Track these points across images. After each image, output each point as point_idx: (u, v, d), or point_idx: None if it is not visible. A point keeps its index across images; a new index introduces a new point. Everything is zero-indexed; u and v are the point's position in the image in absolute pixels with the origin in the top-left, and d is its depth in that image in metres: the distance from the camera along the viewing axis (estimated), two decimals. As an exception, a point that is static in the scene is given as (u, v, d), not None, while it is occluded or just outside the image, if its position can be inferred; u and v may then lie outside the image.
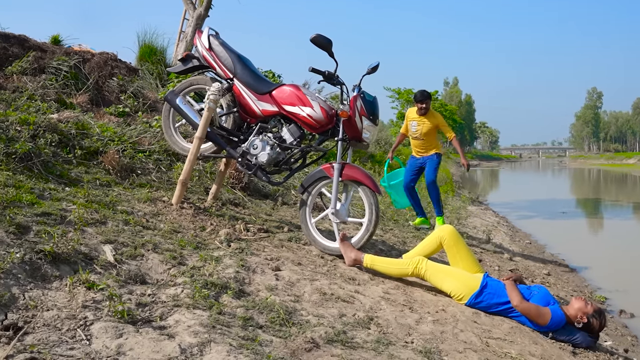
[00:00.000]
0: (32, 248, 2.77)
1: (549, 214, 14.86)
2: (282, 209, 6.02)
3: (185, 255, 3.45)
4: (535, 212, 15.09)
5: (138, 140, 5.66)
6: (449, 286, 4.02)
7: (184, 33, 13.50)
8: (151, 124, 6.68)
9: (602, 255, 9.09)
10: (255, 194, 6.23)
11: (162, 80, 9.78)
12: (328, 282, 3.65)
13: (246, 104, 4.54)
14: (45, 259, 2.75)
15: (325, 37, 4.18)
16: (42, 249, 2.77)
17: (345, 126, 4.32)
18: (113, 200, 4.07)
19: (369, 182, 4.25)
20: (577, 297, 4.01)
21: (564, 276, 6.94)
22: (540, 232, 11.03)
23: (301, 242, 4.53)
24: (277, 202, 6.18)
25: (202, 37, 4.69)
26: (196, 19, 12.86)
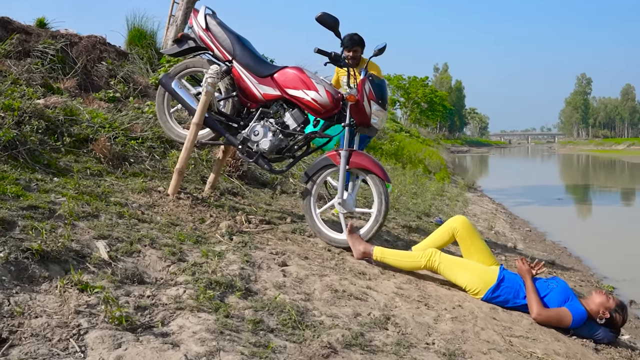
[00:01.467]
0: (17, 246, 2.51)
1: (544, 201, 14.73)
2: (282, 197, 5.77)
3: (185, 250, 3.19)
4: (531, 199, 14.97)
5: (130, 127, 5.36)
6: (464, 280, 3.80)
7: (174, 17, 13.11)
8: (143, 109, 6.38)
9: (602, 242, 8.98)
10: (253, 182, 5.97)
11: (152, 64, 9.44)
12: (338, 278, 3.41)
13: (246, 87, 4.26)
14: (33, 258, 2.48)
15: (332, 16, 3.92)
16: (29, 247, 2.51)
17: (352, 111, 4.06)
18: (105, 191, 3.79)
19: (378, 170, 4.00)
20: (597, 291, 3.81)
21: (569, 265, 6.76)
22: (538, 218, 10.89)
23: (306, 234, 4.28)
24: (276, 190, 5.92)
25: (198, 17, 4.39)
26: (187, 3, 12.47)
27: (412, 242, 5.26)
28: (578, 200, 15.93)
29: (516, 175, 27.51)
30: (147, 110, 6.30)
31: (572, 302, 3.65)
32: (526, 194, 16.25)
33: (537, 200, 14.82)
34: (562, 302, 3.66)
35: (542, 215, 11.59)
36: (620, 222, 11.37)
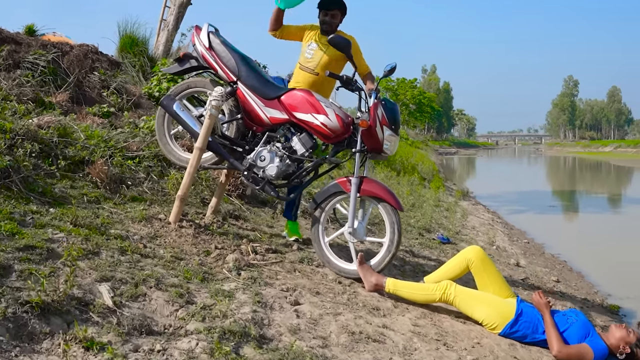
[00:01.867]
0: (15, 299, 2.30)
1: (537, 208, 14.66)
2: (282, 218, 5.59)
3: (192, 290, 3.00)
4: (524, 206, 14.89)
5: (126, 145, 5.15)
6: (481, 314, 3.65)
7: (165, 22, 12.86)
8: (138, 124, 6.17)
9: (600, 254, 8.89)
10: (253, 201, 5.79)
11: (144, 73, 9.22)
12: (353, 317, 3.24)
13: (252, 110, 4.07)
14: (33, 311, 2.28)
15: (344, 39, 3.78)
16: (28, 299, 2.31)
17: (364, 136, 3.89)
18: (105, 222, 3.59)
19: (390, 199, 3.84)
20: (617, 325, 3.67)
21: (572, 282, 6.65)
22: (534, 228, 10.81)
23: (314, 263, 4.10)
24: (276, 210, 5.74)
25: (201, 35, 4.18)
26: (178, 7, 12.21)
27: (419, 265, 5.12)
28: (571, 207, 15.89)
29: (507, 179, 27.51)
30: (143, 125, 6.09)
31: (592, 338, 3.51)
32: (519, 201, 16.17)
33: (531, 207, 14.75)
34: (583, 337, 3.51)
35: (537, 224, 11.51)
36: (615, 231, 11.31)
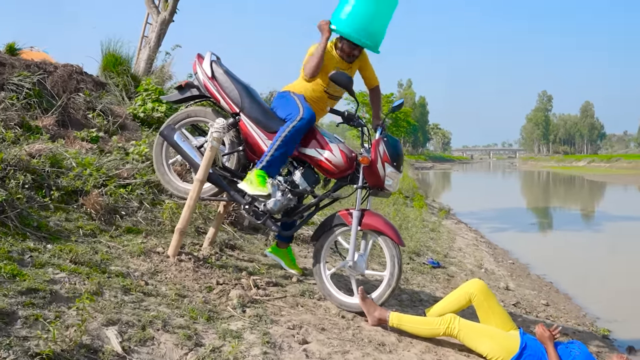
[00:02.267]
0: (25, 350, 2.22)
1: (518, 226, 14.83)
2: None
3: (199, 332, 2.93)
4: (505, 224, 15.04)
5: (118, 173, 5.06)
6: (486, 349, 3.63)
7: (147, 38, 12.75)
8: (127, 150, 6.07)
9: (585, 274, 8.97)
10: (245, 228, 5.72)
11: (128, 92, 9.10)
12: (361, 355, 3.20)
13: (255, 143, 4.02)
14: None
15: (346, 75, 3.78)
16: (38, 351, 2.22)
17: (365, 173, 3.87)
18: (104, 259, 3.50)
19: (391, 233, 3.81)
20: (618, 355, 3.68)
21: (561, 305, 6.69)
22: (517, 247, 10.90)
23: (315, 296, 4.05)
24: (269, 236, 5.68)
25: (204, 64, 4.13)
26: (160, 24, 12.12)
27: (415, 294, 5.10)
28: (550, 225, 16.09)
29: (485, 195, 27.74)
30: (133, 150, 5.99)
31: None
32: (499, 218, 16.34)
33: (511, 225, 14.90)
34: None
35: (520, 243, 11.61)
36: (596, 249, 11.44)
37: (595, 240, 12.58)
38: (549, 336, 3.62)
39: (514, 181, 46.28)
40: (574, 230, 14.16)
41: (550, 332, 3.68)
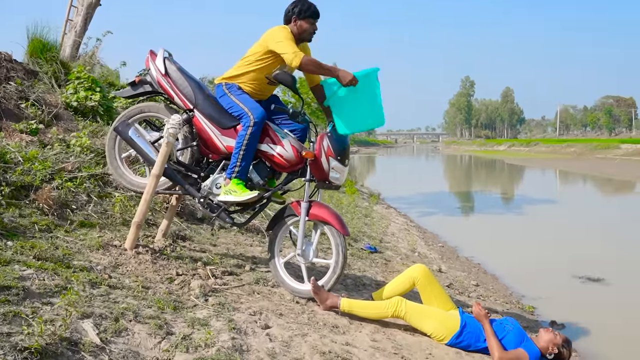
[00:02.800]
0: (13, 346, 2.31)
1: (445, 209, 15.54)
2: (222, 234, 5.70)
3: (169, 321, 3.10)
4: (432, 208, 15.70)
5: (64, 167, 5.05)
6: (430, 327, 3.98)
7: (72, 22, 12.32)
8: (68, 142, 6.02)
9: (509, 254, 9.55)
10: (190, 218, 5.84)
11: (58, 79, 8.86)
12: (319, 337, 3.46)
13: (208, 138, 4.17)
14: (33, 357, 2.31)
15: (288, 74, 3.94)
16: (26, 345, 2.33)
17: (311, 167, 4.10)
18: (65, 254, 3.57)
19: (336, 223, 4.06)
20: (546, 329, 4.12)
21: (489, 285, 7.20)
22: (445, 231, 11.46)
23: (269, 284, 4.28)
24: (214, 226, 5.82)
25: (157, 61, 4.21)
26: (87, 8, 11.73)
27: (358, 279, 5.40)
28: (475, 208, 16.90)
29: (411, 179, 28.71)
30: (75, 142, 5.95)
31: (526, 343, 3.93)
32: (426, 202, 17.02)
33: (438, 209, 15.58)
34: (519, 343, 3.93)
35: (447, 226, 12.19)
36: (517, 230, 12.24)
37: (516, 222, 13.42)
38: (485, 314, 4.01)
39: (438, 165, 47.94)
40: (496, 213, 15.00)
41: (486, 311, 4.07)
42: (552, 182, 28.91)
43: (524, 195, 19.74)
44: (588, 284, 7.36)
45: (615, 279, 7.60)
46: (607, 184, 26.68)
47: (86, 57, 11.48)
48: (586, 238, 11.16)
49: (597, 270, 7.87)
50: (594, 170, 34.11)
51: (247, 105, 4.05)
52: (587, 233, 11.77)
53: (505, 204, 18.06)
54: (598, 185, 26.42)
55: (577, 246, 10.25)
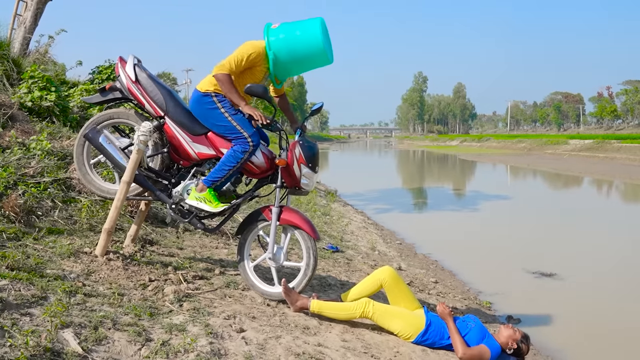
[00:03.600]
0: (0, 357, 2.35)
1: (400, 206, 15.85)
2: (187, 236, 5.76)
3: (147, 327, 3.16)
4: (388, 205, 15.97)
5: (27, 172, 5.00)
6: (396, 327, 4.15)
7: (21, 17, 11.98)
8: (28, 145, 5.93)
9: (465, 251, 9.83)
10: (155, 220, 5.86)
11: (10, 78, 8.65)
12: (292, 338, 3.58)
13: (179, 145, 4.21)
14: (19, 370, 2.35)
15: (260, 86, 3.99)
16: (11, 358, 2.36)
17: (283, 174, 4.21)
18: (37, 262, 3.58)
19: (306, 227, 4.18)
20: (505, 325, 4.35)
21: (447, 282, 7.44)
22: (402, 228, 11.71)
23: (239, 287, 4.36)
24: (179, 229, 5.86)
25: (127, 68, 4.22)
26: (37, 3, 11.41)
27: (323, 279, 5.54)
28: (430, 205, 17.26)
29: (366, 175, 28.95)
30: (35, 146, 5.87)
31: (488, 339, 4.15)
32: (382, 199, 17.28)
33: (394, 206, 15.87)
34: (480, 339, 4.14)
35: (404, 224, 12.42)
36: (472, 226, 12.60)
37: (470, 218, 13.81)
38: (449, 313, 4.20)
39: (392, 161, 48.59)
40: (451, 209, 15.41)
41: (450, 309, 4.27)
42: (504, 178, 29.78)
43: (477, 191, 20.26)
44: (541, 279, 7.71)
45: (567, 273, 7.97)
46: (556, 179, 27.68)
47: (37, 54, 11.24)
48: (537, 233, 11.63)
49: (549, 265, 8.25)
50: (544, 165, 35.31)
51: (246, 130, 4.09)
52: (538, 228, 12.26)
53: (459, 199, 18.53)
54: (548, 180, 27.39)
55: (528, 241, 10.69)
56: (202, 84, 4.24)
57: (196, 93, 4.22)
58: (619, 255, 9.67)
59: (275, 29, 4.14)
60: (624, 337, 5.76)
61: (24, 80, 8.25)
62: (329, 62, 4.26)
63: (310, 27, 4.11)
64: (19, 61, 9.45)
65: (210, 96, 4.16)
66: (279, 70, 4.24)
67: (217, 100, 4.13)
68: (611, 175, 27.24)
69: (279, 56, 4.13)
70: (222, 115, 4.11)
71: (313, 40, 4.09)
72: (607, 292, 7.35)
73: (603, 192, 22.30)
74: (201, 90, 4.20)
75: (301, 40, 4.11)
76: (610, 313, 6.52)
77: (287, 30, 4.13)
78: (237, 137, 4.09)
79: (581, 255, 9.67)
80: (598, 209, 16.44)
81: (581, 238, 11.24)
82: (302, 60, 4.17)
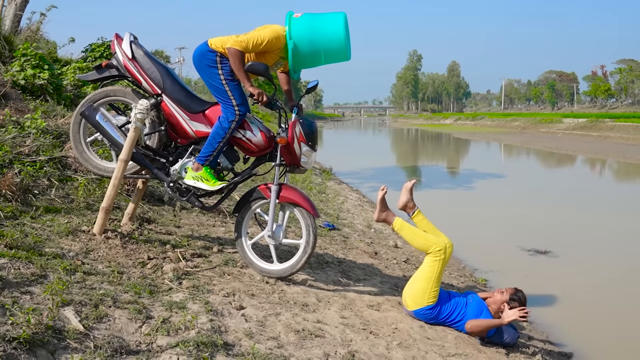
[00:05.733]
0: (1, 336, 2.34)
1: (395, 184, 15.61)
2: (184, 215, 5.74)
3: (147, 305, 3.17)
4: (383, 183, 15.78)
5: (23, 151, 4.96)
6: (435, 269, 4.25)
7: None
8: (22, 123, 5.88)
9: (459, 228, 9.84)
10: (151, 198, 5.84)
11: (1, 56, 8.54)
12: (291, 315, 3.60)
13: (177, 123, 4.18)
14: (22, 348, 2.35)
15: (261, 64, 3.97)
16: (15, 335, 2.36)
17: (283, 152, 4.19)
18: (36, 241, 3.56)
19: (306, 205, 4.18)
20: (499, 290, 4.40)
21: (443, 258, 7.48)
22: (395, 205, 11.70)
23: (238, 264, 4.37)
24: (176, 207, 5.85)
25: (123, 45, 4.17)
26: (31, -21, 11.26)
27: (320, 256, 5.56)
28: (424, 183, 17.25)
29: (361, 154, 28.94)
30: (30, 124, 5.82)
31: (486, 313, 4.20)
32: (377, 177, 17.32)
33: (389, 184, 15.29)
34: (478, 314, 4.18)
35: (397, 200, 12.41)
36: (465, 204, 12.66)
37: (464, 196, 13.88)
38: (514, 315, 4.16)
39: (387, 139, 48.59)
40: (445, 187, 15.44)
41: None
42: (499, 156, 29.87)
43: (472, 169, 20.31)
44: (536, 257, 7.78)
45: (561, 251, 8.04)
46: (550, 157, 27.77)
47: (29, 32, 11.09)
48: (532, 211, 11.65)
49: (543, 243, 8.31)
50: (538, 144, 35.37)
51: (235, 98, 4.07)
52: (532, 206, 12.29)
53: (454, 178, 18.57)
54: (542, 159, 27.46)
55: (523, 219, 10.73)
56: (213, 40, 4.18)
57: (204, 46, 4.17)
58: (613, 233, 9.75)
59: (298, 19, 4.11)
60: (618, 313, 5.84)
61: (17, 58, 8.13)
62: (347, 58, 4.25)
63: (334, 22, 4.10)
64: (10, 39, 9.29)
65: (215, 54, 4.12)
66: (297, 60, 4.21)
67: (219, 61, 4.10)
68: (605, 154, 27.34)
69: (299, 47, 4.10)
70: (218, 76, 4.09)
71: (335, 35, 4.08)
72: (601, 269, 7.44)
73: (597, 171, 22.39)
74: (210, 46, 4.16)
75: (324, 34, 4.09)
76: (605, 289, 6.61)
77: (310, 22, 4.10)
78: (225, 102, 4.08)
79: (575, 233, 9.74)
80: (592, 187, 16.53)
81: (575, 216, 11.30)
82: (321, 54, 4.15)
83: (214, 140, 4.06)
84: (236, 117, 4.05)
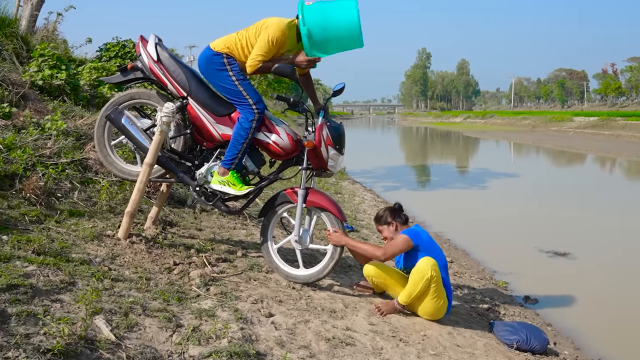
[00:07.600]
0: (36, 348, 2.30)
1: (408, 184, 15.79)
2: (204, 217, 5.69)
3: (176, 313, 3.12)
4: (396, 182, 15.89)
5: (44, 153, 4.93)
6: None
7: (29, -8, 11.81)
8: (43, 125, 5.85)
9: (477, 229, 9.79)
10: (171, 201, 5.80)
11: (20, 56, 8.52)
12: (320, 322, 3.54)
13: (203, 126, 4.13)
14: (55, 358, 2.30)
15: (287, 66, 3.93)
16: (48, 347, 2.31)
17: (310, 156, 4.14)
18: (62, 246, 3.52)
19: (333, 209, 4.13)
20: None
21: (462, 261, 7.41)
22: (412, 206, 11.55)
23: (263, 269, 4.32)
24: (196, 209, 5.80)
25: (148, 47, 4.12)
26: (46, -22, 11.25)
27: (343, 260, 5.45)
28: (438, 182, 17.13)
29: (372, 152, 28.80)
30: (50, 126, 5.79)
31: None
32: (390, 176, 17.21)
33: (402, 183, 15.80)
34: None
35: (413, 201, 12.30)
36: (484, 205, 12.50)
37: (479, 196, 13.74)
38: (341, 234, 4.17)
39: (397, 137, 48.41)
40: (459, 186, 15.31)
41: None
42: (510, 155, 29.65)
43: (485, 168, 20.14)
44: (555, 259, 7.66)
45: (580, 252, 7.92)
46: (563, 156, 27.53)
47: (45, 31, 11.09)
48: (547, 212, 11.53)
49: (562, 245, 8.19)
50: (550, 142, 35.06)
51: (252, 97, 4.01)
52: (547, 206, 12.15)
53: (467, 177, 18.43)
54: (554, 158, 27.22)
55: (539, 220, 10.61)
56: (216, 43, 4.13)
57: (208, 51, 4.11)
58: (631, 233, 9.60)
59: (310, 7, 4.02)
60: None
61: (34, 58, 8.11)
62: (361, 45, 4.15)
63: (347, 8, 4.00)
64: (27, 39, 9.30)
65: (221, 56, 4.07)
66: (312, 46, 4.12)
67: (227, 62, 4.04)
68: (618, 153, 27.06)
69: (313, 34, 4.00)
70: (229, 78, 4.04)
71: (349, 22, 3.98)
72: (622, 271, 7.32)
73: (611, 170, 22.17)
74: (214, 49, 4.10)
75: (338, 20, 3.99)
76: (627, 292, 6.50)
77: (323, 9, 4.01)
78: (242, 102, 4.02)
79: (593, 233, 9.61)
80: (607, 186, 16.36)
81: (592, 217, 11.16)
82: (335, 40, 4.04)
83: (237, 142, 4.01)
84: (255, 115, 3.99)
